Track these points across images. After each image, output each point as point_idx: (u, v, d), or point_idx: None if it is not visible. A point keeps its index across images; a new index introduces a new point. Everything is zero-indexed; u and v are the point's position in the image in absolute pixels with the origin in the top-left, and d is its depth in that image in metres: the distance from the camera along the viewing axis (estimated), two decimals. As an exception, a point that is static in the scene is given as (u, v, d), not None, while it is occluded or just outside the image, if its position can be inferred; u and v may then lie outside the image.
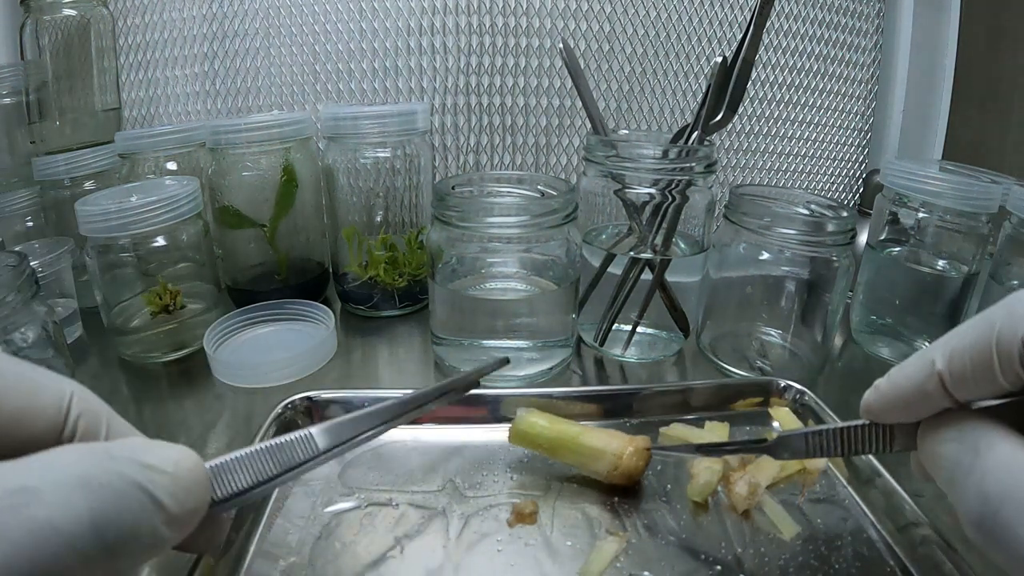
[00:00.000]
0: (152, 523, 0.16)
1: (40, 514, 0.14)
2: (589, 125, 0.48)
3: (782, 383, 0.40)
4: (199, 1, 0.66)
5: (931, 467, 0.21)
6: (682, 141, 0.46)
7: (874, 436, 0.23)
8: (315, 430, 0.22)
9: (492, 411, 0.39)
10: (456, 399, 0.28)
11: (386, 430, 0.24)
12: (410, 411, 0.25)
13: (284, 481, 0.21)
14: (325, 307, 0.51)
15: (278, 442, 0.21)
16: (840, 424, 0.24)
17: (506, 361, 0.32)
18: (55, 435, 0.18)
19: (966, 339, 0.19)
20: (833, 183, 0.79)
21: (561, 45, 0.48)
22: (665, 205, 0.45)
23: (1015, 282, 0.45)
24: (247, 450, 0.21)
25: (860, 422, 0.23)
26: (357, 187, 0.54)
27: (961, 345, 0.19)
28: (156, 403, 0.44)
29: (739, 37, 0.42)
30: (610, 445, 0.32)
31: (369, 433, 0.24)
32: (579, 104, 0.64)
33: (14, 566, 0.14)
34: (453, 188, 0.44)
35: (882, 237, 0.50)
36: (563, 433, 0.33)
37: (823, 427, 0.25)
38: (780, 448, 0.26)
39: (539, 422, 0.34)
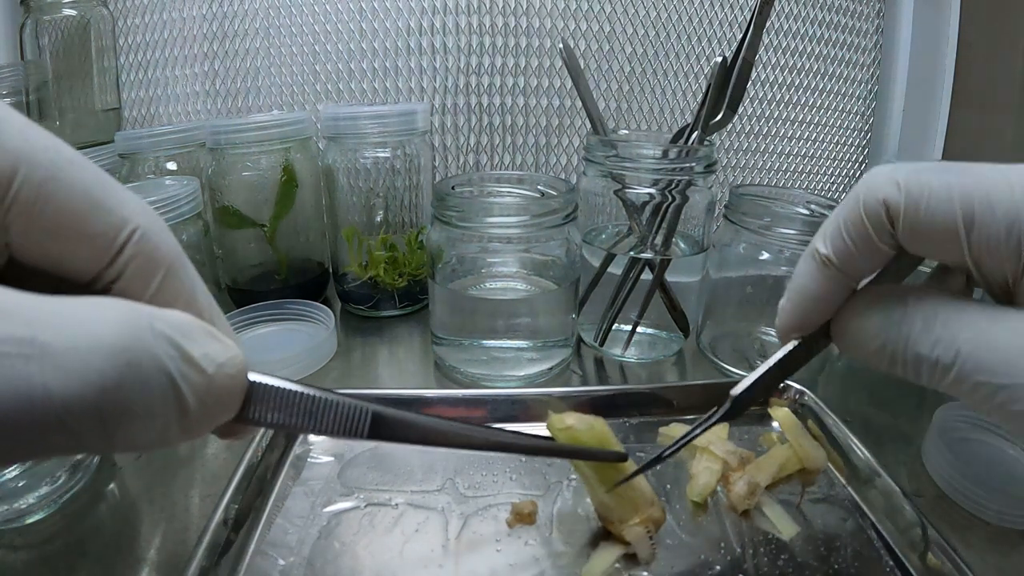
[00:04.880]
0: (166, 421, 0.14)
1: (37, 376, 0.12)
2: (589, 125, 0.48)
3: (782, 383, 0.40)
4: (199, 1, 0.66)
5: (857, 345, 0.22)
6: (682, 141, 0.46)
7: (802, 350, 0.24)
8: (372, 415, 0.20)
9: (492, 411, 0.39)
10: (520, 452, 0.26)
11: (442, 447, 0.22)
12: (474, 445, 0.23)
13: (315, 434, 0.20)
14: (325, 307, 0.51)
15: (329, 400, 0.19)
16: (768, 364, 0.25)
17: (624, 457, 0.29)
18: (96, 269, 0.16)
19: (839, 219, 0.21)
20: (833, 183, 0.78)
21: (561, 45, 0.48)
22: (665, 205, 0.45)
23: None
24: (295, 388, 0.18)
25: (788, 347, 0.24)
26: (357, 187, 0.54)
27: (835, 225, 0.21)
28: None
29: (739, 37, 0.42)
30: (623, 510, 0.29)
31: (421, 444, 0.22)
32: (579, 104, 0.64)
33: None
34: (453, 188, 0.44)
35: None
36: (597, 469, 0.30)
37: (761, 369, 0.25)
38: (735, 410, 0.26)
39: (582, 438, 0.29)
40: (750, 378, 0.25)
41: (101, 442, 0.14)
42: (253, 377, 0.18)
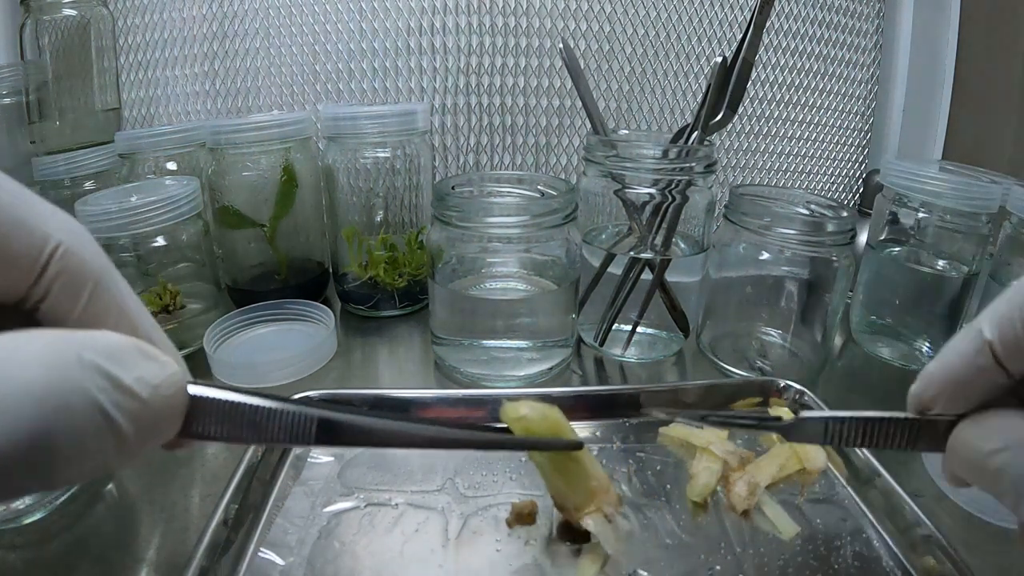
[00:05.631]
0: (102, 451, 0.14)
1: None
2: (589, 125, 0.48)
3: (782, 383, 0.40)
4: (199, 1, 0.66)
5: (973, 470, 0.18)
6: (682, 141, 0.46)
7: (899, 431, 0.21)
8: (319, 421, 0.20)
9: (492, 411, 0.39)
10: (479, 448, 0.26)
11: (391, 447, 0.22)
12: (424, 444, 0.23)
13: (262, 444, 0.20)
14: (325, 307, 0.51)
15: (274, 409, 0.19)
16: (864, 413, 0.22)
17: (579, 445, 0.28)
18: (22, 290, 0.15)
19: (1014, 301, 0.17)
20: (833, 183, 0.78)
21: (561, 45, 0.48)
22: (665, 205, 0.45)
23: (1015, 282, 0.45)
24: (239, 399, 0.18)
25: (886, 414, 0.21)
26: (357, 187, 0.54)
27: (1009, 309, 0.18)
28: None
29: (739, 37, 0.42)
30: (579, 498, 0.29)
31: (371, 446, 0.22)
32: (579, 104, 0.64)
33: None
34: (453, 188, 0.44)
35: (882, 237, 0.50)
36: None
37: (845, 414, 0.22)
38: (795, 430, 0.23)
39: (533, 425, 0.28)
40: (825, 414, 0.23)
41: (36, 485, 0.13)
42: (194, 391, 0.17)
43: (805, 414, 0.23)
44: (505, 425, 0.28)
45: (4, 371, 0.13)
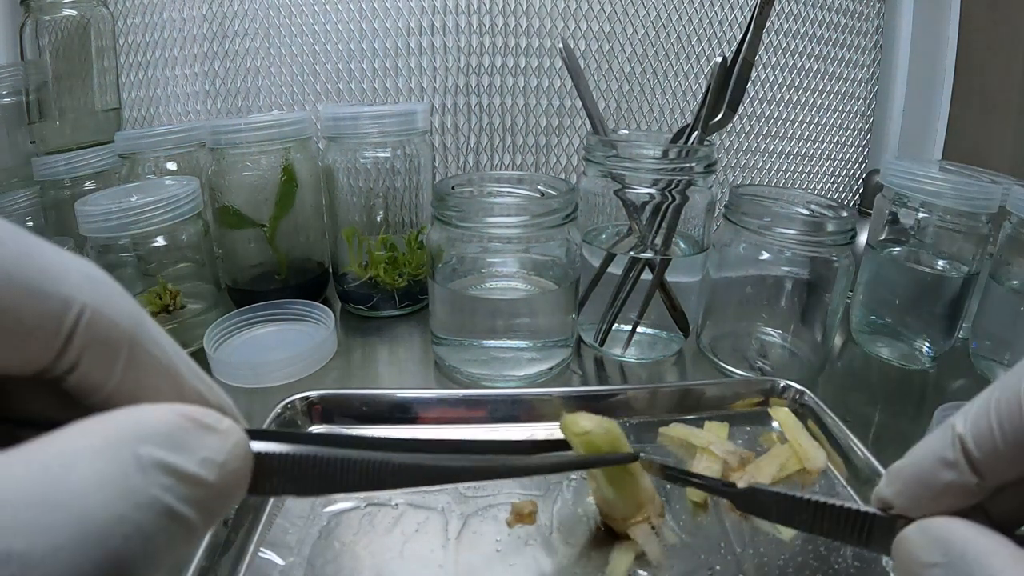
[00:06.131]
0: (171, 550, 0.12)
1: None
2: (589, 125, 0.48)
3: (782, 383, 0.40)
4: (199, 1, 0.66)
5: (909, 559, 0.17)
6: (682, 141, 0.46)
7: (853, 523, 0.20)
8: (393, 467, 0.17)
9: (491, 411, 0.39)
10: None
11: (469, 482, 0.21)
12: (495, 475, 0.22)
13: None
14: (325, 307, 0.51)
15: (346, 459, 0.16)
16: (820, 498, 0.21)
17: (635, 457, 0.28)
18: (42, 365, 0.13)
19: (992, 396, 0.16)
20: (833, 183, 0.79)
21: (561, 45, 0.48)
22: (665, 205, 0.45)
23: (1015, 282, 0.45)
24: (306, 451, 0.16)
25: (840, 502, 0.20)
26: (357, 187, 0.54)
27: (985, 403, 0.16)
28: (156, 403, 0.44)
29: (739, 37, 0.42)
30: (628, 508, 0.30)
31: (451, 483, 0.20)
32: (579, 104, 0.64)
33: None
34: (453, 188, 0.44)
35: (882, 237, 0.50)
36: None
37: (798, 495, 0.21)
38: (746, 500, 0.23)
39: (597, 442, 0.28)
40: (778, 491, 0.22)
41: None
42: (258, 448, 0.15)
43: (760, 486, 0.23)
44: (555, 438, 0.27)
45: (56, 506, 0.11)
